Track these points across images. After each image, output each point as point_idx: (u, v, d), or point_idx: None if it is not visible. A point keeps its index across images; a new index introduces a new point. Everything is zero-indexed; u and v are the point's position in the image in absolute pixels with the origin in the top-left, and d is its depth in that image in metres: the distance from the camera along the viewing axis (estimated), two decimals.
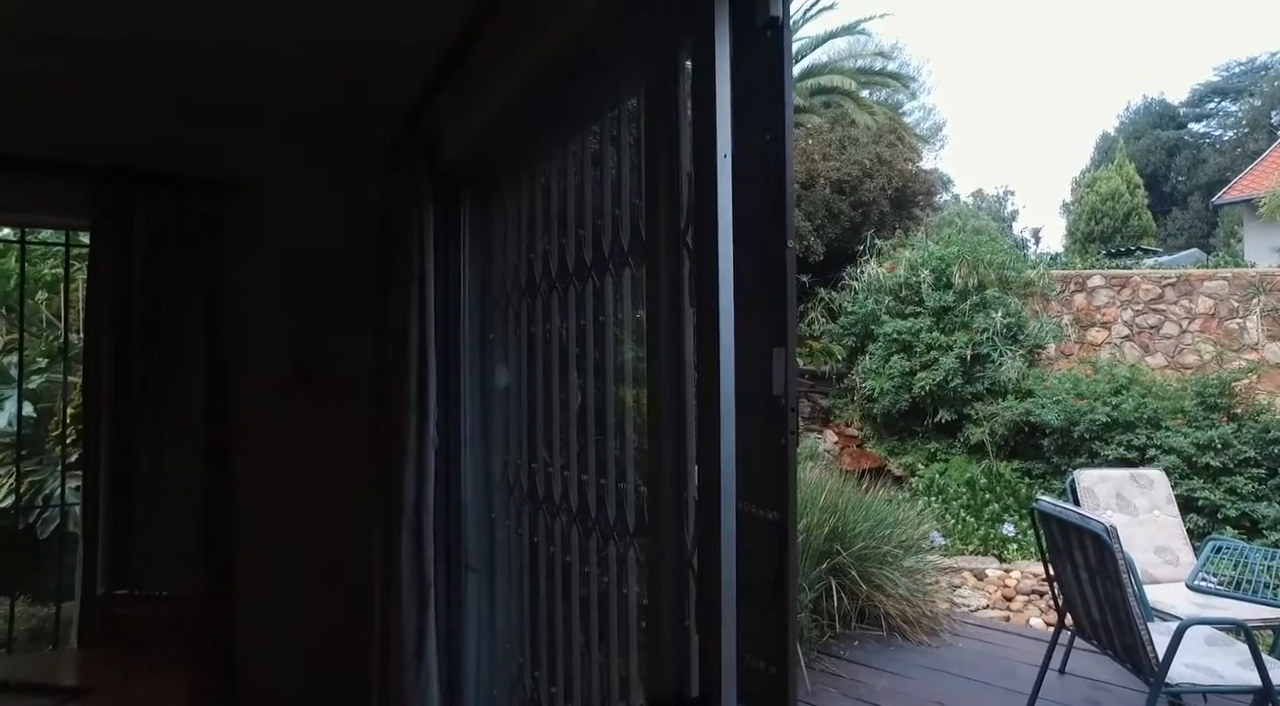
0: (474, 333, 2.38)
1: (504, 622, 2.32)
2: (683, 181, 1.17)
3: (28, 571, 4.78)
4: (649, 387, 1.20)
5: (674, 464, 1.16)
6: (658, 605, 1.16)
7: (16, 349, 4.61)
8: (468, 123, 2.14)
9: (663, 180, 1.16)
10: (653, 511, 1.19)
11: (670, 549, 1.14)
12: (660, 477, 1.16)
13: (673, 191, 1.17)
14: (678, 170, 1.17)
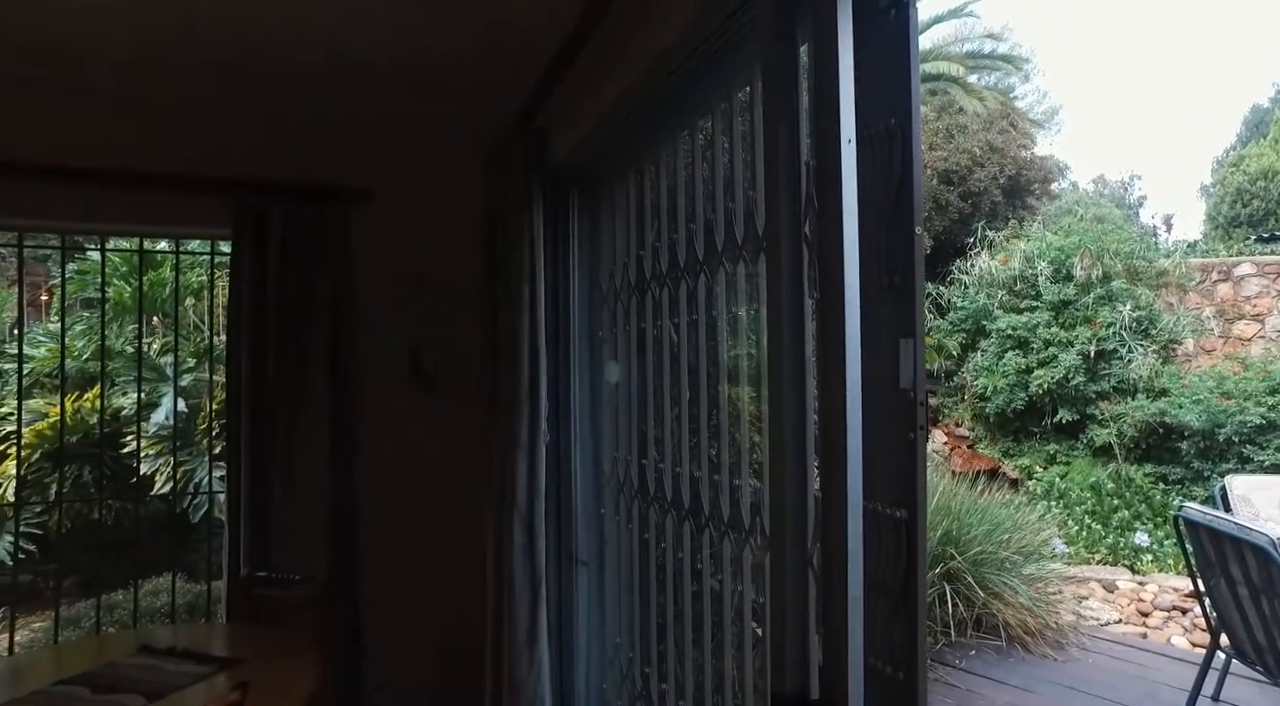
0: (583, 330, 2.42)
1: (613, 616, 2.35)
2: (802, 170, 1.14)
3: (184, 551, 5.25)
4: (769, 382, 1.18)
5: (795, 460, 1.13)
6: (778, 604, 1.14)
7: (171, 350, 5.07)
8: (577, 122, 2.17)
9: (782, 170, 1.14)
10: (773, 509, 1.17)
11: (791, 547, 1.12)
12: (781, 474, 1.14)
13: (792, 181, 1.15)
14: (797, 159, 1.14)
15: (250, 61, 2.67)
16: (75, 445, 4.93)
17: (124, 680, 2.01)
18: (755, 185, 1.57)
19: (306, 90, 2.91)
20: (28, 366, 5.13)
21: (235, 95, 2.88)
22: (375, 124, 3.08)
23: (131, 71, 2.71)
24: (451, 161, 3.15)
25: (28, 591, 5.20)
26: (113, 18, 2.35)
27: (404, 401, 3.14)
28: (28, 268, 5.64)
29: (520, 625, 2.25)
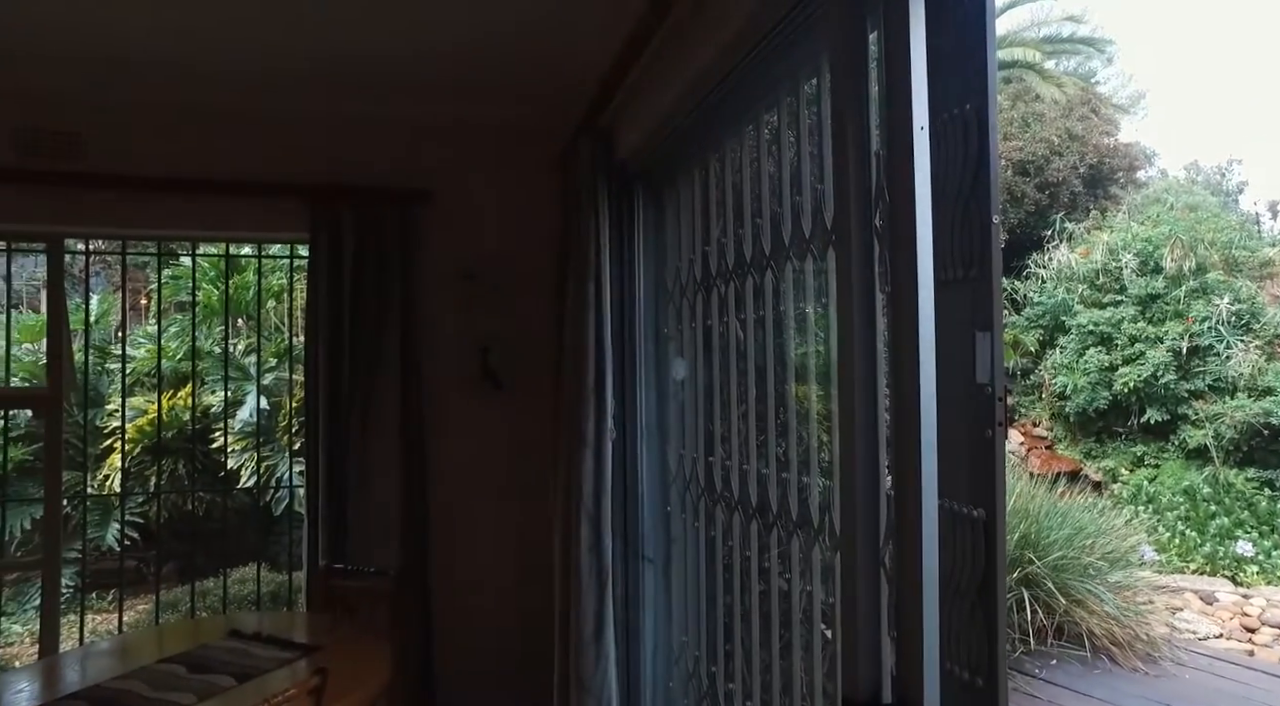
0: (649, 327, 2.42)
1: (679, 614, 2.34)
2: (872, 160, 1.11)
3: (268, 542, 5.52)
4: (839, 377, 1.16)
5: (866, 457, 1.11)
6: (849, 605, 1.11)
7: (255, 351, 5.32)
8: (641, 119, 2.18)
9: (851, 160, 1.11)
10: (844, 508, 1.14)
11: (864, 547, 1.09)
12: (852, 471, 1.11)
13: (862, 171, 1.12)
14: (866, 148, 1.11)
15: (321, 70, 2.78)
16: (170, 440, 5.23)
17: (216, 662, 2.12)
18: (823, 178, 1.54)
19: (379, 96, 3.01)
20: (130, 366, 5.46)
21: (309, 104, 3.01)
22: (443, 126, 3.16)
23: (215, 86, 2.86)
24: (519, 161, 3.20)
25: (134, 576, 5.54)
26: (200, 36, 2.48)
27: (473, 400, 3.20)
28: (130, 273, 6.01)
29: (587, 622, 2.27)
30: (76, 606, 4.97)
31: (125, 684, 1.99)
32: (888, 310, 1.09)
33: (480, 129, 3.19)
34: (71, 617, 3.84)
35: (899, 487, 1.05)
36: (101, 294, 5.87)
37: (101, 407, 5.31)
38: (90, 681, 2.03)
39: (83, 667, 2.27)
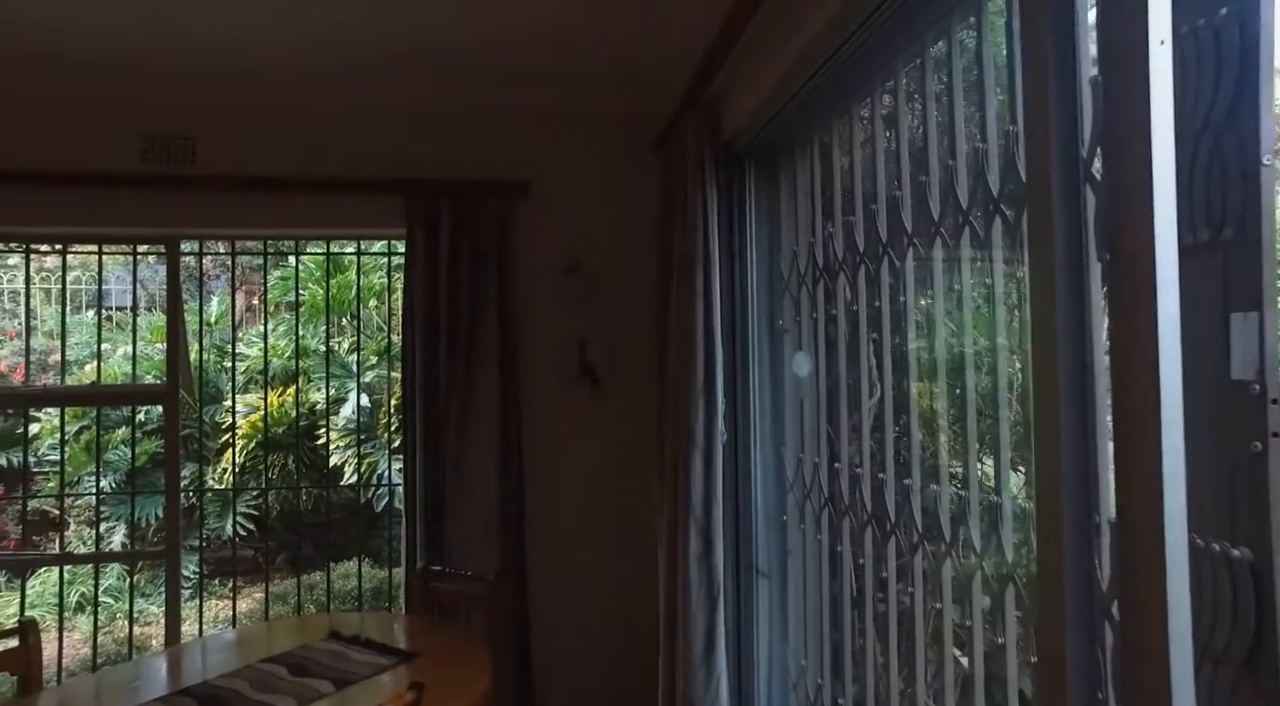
0: (762, 319, 2.22)
1: (798, 634, 2.12)
2: (1083, 90, 0.87)
3: (370, 538, 5.64)
4: (1034, 370, 0.92)
5: (1074, 477, 0.87)
6: (1053, 660, 0.88)
7: (356, 349, 5.43)
8: (751, 92, 1.97)
9: (1051, 93, 0.87)
10: (1045, 538, 0.90)
11: (1073, 591, 0.85)
12: (1054, 491, 0.88)
13: (1069, 104, 0.88)
14: (1075, 75, 0.87)
15: (417, 64, 2.77)
16: (280, 436, 5.40)
17: (316, 665, 2.08)
18: (956, 153, 1.32)
19: (474, 88, 2.95)
20: (244, 364, 5.69)
21: (406, 99, 2.97)
22: (540, 116, 3.06)
23: (315, 86, 2.88)
24: (620, 149, 3.07)
25: (250, 565, 5.78)
26: (302, 40, 2.49)
27: (572, 398, 3.09)
28: (245, 275, 6.28)
29: (696, 638, 2.09)
30: (204, 590, 5.23)
31: (230, 682, 1.98)
32: (1107, 284, 0.84)
33: (578, 117, 3.07)
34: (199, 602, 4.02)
35: (1125, 517, 0.81)
36: (220, 295, 6.15)
37: (219, 404, 5.55)
38: (200, 677, 2.03)
39: (195, 661, 2.30)
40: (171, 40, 2.55)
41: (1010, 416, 1.23)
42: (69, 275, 5.61)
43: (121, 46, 2.61)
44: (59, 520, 5.36)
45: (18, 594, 4.55)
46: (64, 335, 4.15)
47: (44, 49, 2.64)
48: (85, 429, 5.32)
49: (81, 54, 2.67)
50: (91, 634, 4.05)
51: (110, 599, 5.18)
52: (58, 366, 4.66)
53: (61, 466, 4.90)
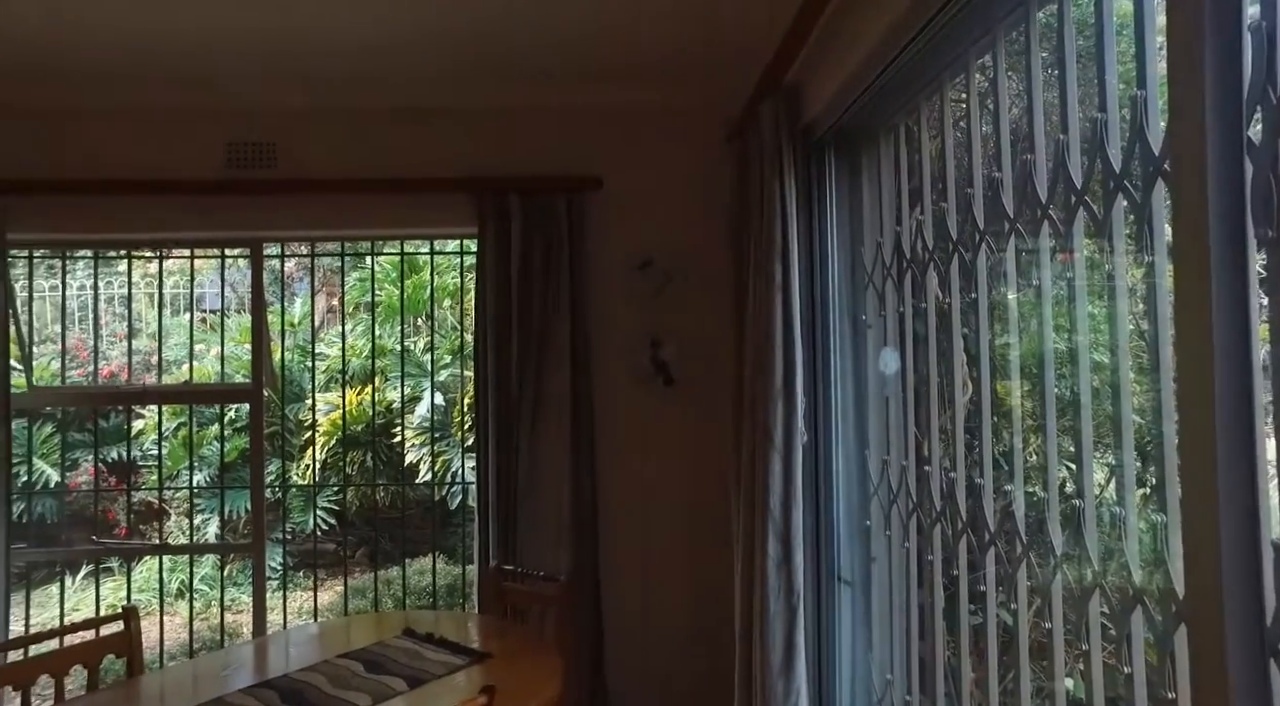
0: (844, 314, 2.11)
1: (883, 647, 2.01)
2: (1245, 40, 0.75)
3: (445, 535, 5.74)
4: (1181, 367, 0.81)
5: (1233, 487, 0.75)
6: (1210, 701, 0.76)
7: (430, 348, 5.52)
8: (832, 74, 1.87)
9: (1206, 44, 0.75)
10: (1195, 560, 0.79)
11: (1236, 619, 0.73)
12: (1208, 505, 0.76)
13: (1224, 61, 0.76)
14: (1234, 24, 0.75)
15: (485, 63, 2.78)
16: (358, 434, 5.55)
17: (390, 662, 2.09)
18: (1068, 126, 1.19)
19: (543, 84, 2.95)
20: (323, 364, 5.88)
21: (475, 97, 2.98)
22: (611, 110, 3.03)
23: (387, 89, 2.92)
24: (693, 142, 3.00)
25: (332, 558, 5.97)
26: (373, 43, 2.53)
27: (645, 397, 3.03)
28: (327, 276, 6.48)
29: (774, 648, 2.00)
30: (288, 582, 5.43)
31: (309, 676, 2.01)
32: (1269, 263, 0.73)
33: (651, 110, 3.02)
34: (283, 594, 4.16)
35: None
36: (302, 297, 6.38)
37: (302, 402, 5.75)
38: (282, 669, 2.07)
39: (278, 652, 2.36)
40: (252, 50, 2.63)
41: (1137, 419, 1.11)
42: (167, 280, 5.91)
43: (208, 59, 2.71)
44: (160, 511, 5.66)
45: (124, 579, 4.82)
46: (160, 337, 4.36)
47: (139, 66, 2.77)
48: (182, 425, 5.60)
49: (172, 69, 2.78)
50: (189, 620, 4.25)
51: (205, 587, 5.43)
52: (162, 367, 4.93)
53: (160, 461, 5.16)
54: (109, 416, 5.63)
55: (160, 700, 1.96)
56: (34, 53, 2.66)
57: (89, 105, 2.93)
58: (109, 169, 2.89)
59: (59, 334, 4.91)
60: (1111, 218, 1.10)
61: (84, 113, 2.94)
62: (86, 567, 5.29)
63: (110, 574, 5.39)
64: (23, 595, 3.69)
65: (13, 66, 2.76)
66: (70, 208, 2.91)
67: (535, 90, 2.96)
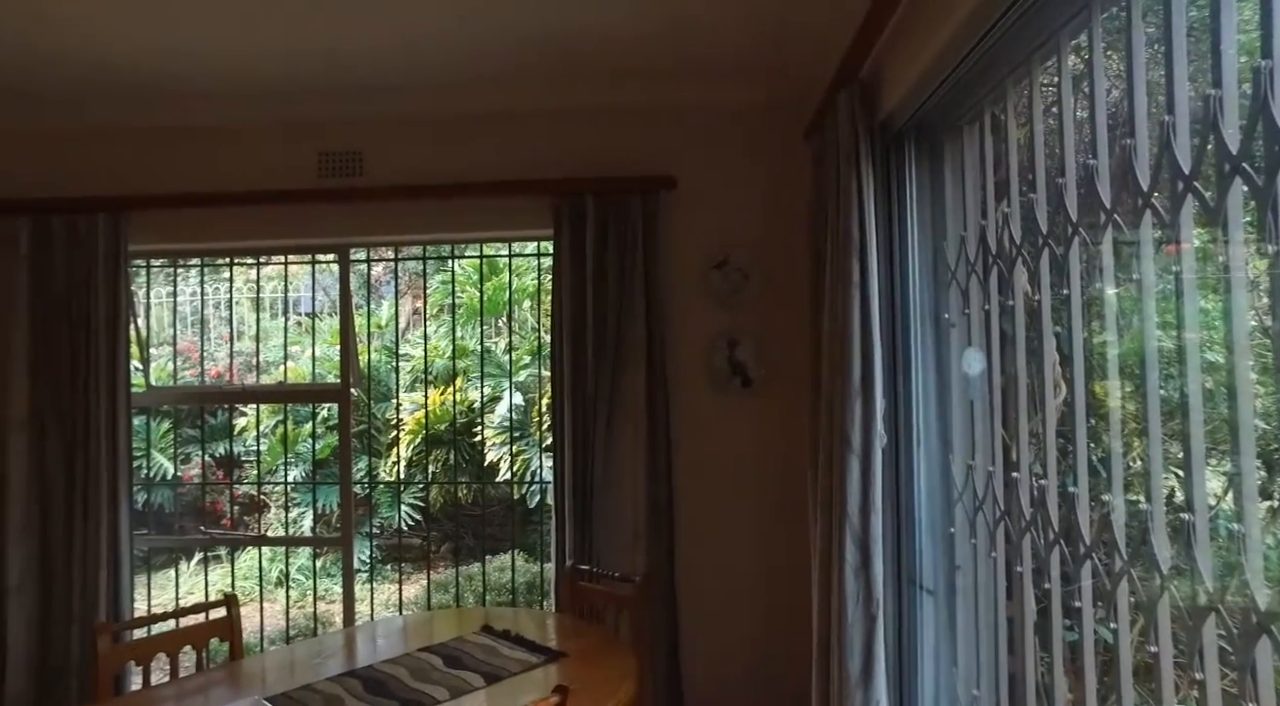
0: (925, 313, 2.03)
1: (969, 660, 1.92)
2: None
3: (524, 533, 5.86)
4: None
5: None
6: None
7: (509, 349, 5.64)
8: (913, 62, 1.80)
9: None
10: None
11: None
12: None
13: None
14: None
15: (558, 66, 2.82)
16: (441, 433, 5.72)
17: (469, 658, 2.14)
18: (1174, 105, 1.10)
19: (616, 84, 2.97)
20: (407, 365, 6.09)
21: (547, 100, 3.03)
22: (684, 109, 3.02)
23: (464, 94, 3.00)
24: (767, 139, 2.97)
25: (418, 553, 6.18)
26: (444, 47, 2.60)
27: (721, 398, 3.01)
28: (411, 280, 6.72)
29: (853, 657, 1.94)
30: (375, 575, 5.65)
31: (391, 668, 2.08)
32: None
33: (725, 107, 3.00)
34: (370, 586, 4.33)
35: None
36: (388, 300, 6.63)
37: (388, 402, 5.97)
38: (368, 660, 2.16)
39: (365, 644, 2.45)
40: (339, 63, 2.74)
41: (1260, 423, 1.01)
42: (265, 285, 6.25)
43: (299, 75, 2.85)
44: (260, 504, 5.99)
45: (230, 567, 5.13)
46: (259, 339, 4.62)
47: (238, 85, 2.94)
48: (279, 423, 5.91)
49: (268, 86, 2.95)
50: (285, 608, 4.48)
51: (301, 577, 5.71)
52: (261, 367, 5.23)
53: (258, 457, 5.46)
54: (216, 414, 6.00)
55: (258, 683, 2.07)
56: (145, 78, 2.87)
57: (196, 124, 3.13)
58: (215, 182, 3.09)
59: (172, 337, 5.27)
60: (1226, 204, 1.01)
61: (192, 131, 3.15)
62: (198, 555, 5.65)
63: (219, 561, 5.75)
64: (144, 578, 3.96)
65: (129, 92, 2.99)
66: (181, 220, 3.12)
67: (609, 92, 2.99)
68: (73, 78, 2.86)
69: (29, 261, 3.08)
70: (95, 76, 2.85)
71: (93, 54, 2.67)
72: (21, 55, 2.67)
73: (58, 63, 2.73)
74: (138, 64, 2.75)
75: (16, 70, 2.79)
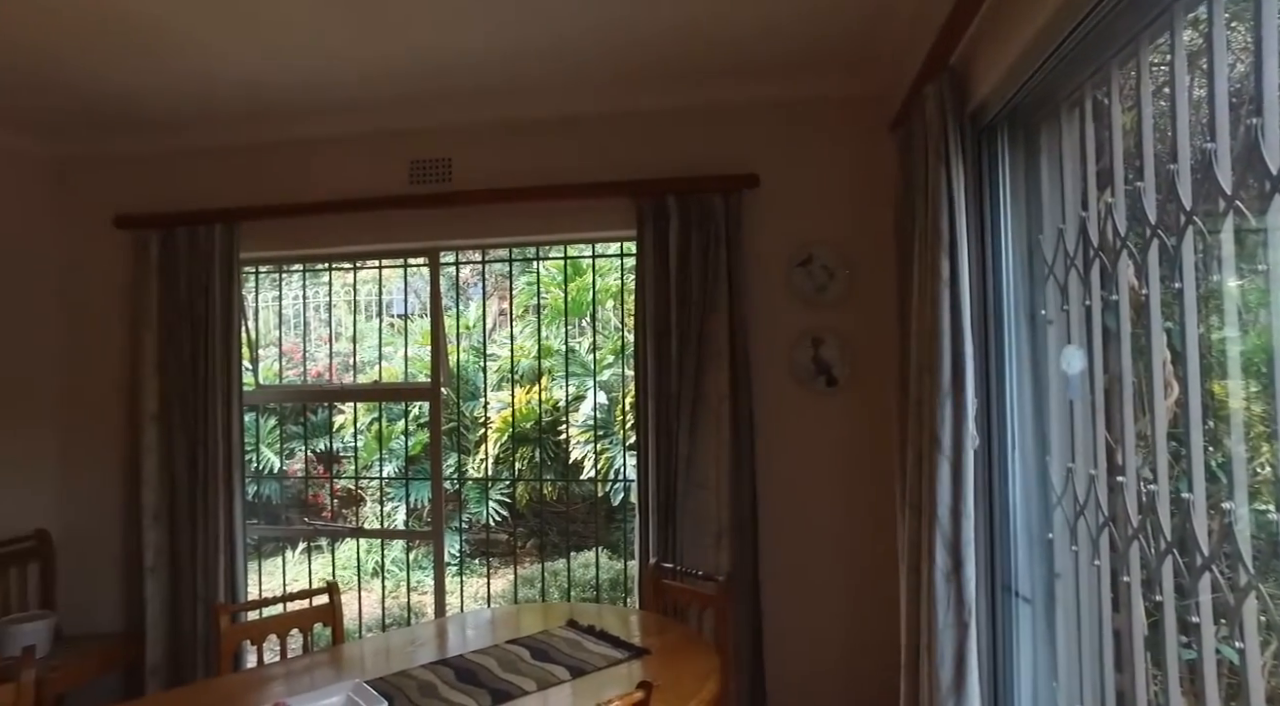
0: (1020, 309, 1.94)
1: (1070, 673, 1.83)
2: None
3: (608, 530, 5.93)
4: None
5: None
6: None
7: (592, 349, 5.73)
8: (1007, 47, 1.72)
9: None
10: None
11: None
12: None
13: None
14: None
15: (638, 68, 2.84)
16: (526, 431, 5.86)
17: (555, 651, 2.19)
18: None
19: (694, 85, 2.98)
20: (494, 364, 6.27)
21: (628, 102, 3.06)
22: (767, 105, 3.00)
23: (544, 97, 3.07)
24: (852, 134, 2.92)
25: (505, 548, 6.36)
26: (526, 53, 2.65)
27: (806, 397, 2.97)
28: (498, 282, 6.91)
29: (944, 665, 1.88)
30: (464, 568, 5.84)
31: (481, 659, 2.15)
32: None
33: (808, 103, 2.96)
34: (460, 579, 4.48)
35: None
36: (476, 301, 6.83)
37: (476, 400, 6.17)
38: (458, 650, 2.24)
39: (455, 634, 2.53)
40: (427, 73, 2.85)
41: None
42: (361, 288, 6.55)
43: (391, 86, 2.97)
44: (357, 498, 6.29)
45: (329, 557, 5.42)
46: (355, 340, 4.85)
47: (336, 99, 3.10)
48: (374, 421, 6.19)
49: (364, 99, 3.09)
50: (381, 598, 4.70)
51: (395, 568, 5.97)
52: (358, 367, 5.50)
53: (355, 453, 5.73)
54: (316, 411, 6.34)
55: (360, 667, 2.18)
56: (252, 100, 3.07)
57: (297, 138, 3.32)
58: (315, 192, 3.27)
59: (278, 339, 5.60)
60: None
61: (293, 145, 3.34)
62: (301, 544, 5.99)
63: (319, 551, 6.07)
64: (255, 565, 4.24)
65: (238, 114, 3.21)
66: (285, 228, 3.32)
67: (690, 91, 2.99)
68: (191, 104, 3.11)
69: (158, 269, 3.35)
70: (209, 102, 3.08)
71: (207, 83, 2.89)
72: (149, 87, 2.93)
73: (179, 92, 2.97)
74: (246, 89, 2.95)
75: (145, 101, 3.06)
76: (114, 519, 3.43)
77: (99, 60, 2.66)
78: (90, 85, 2.88)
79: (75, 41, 2.51)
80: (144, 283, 3.35)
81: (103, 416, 3.46)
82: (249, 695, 1.99)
